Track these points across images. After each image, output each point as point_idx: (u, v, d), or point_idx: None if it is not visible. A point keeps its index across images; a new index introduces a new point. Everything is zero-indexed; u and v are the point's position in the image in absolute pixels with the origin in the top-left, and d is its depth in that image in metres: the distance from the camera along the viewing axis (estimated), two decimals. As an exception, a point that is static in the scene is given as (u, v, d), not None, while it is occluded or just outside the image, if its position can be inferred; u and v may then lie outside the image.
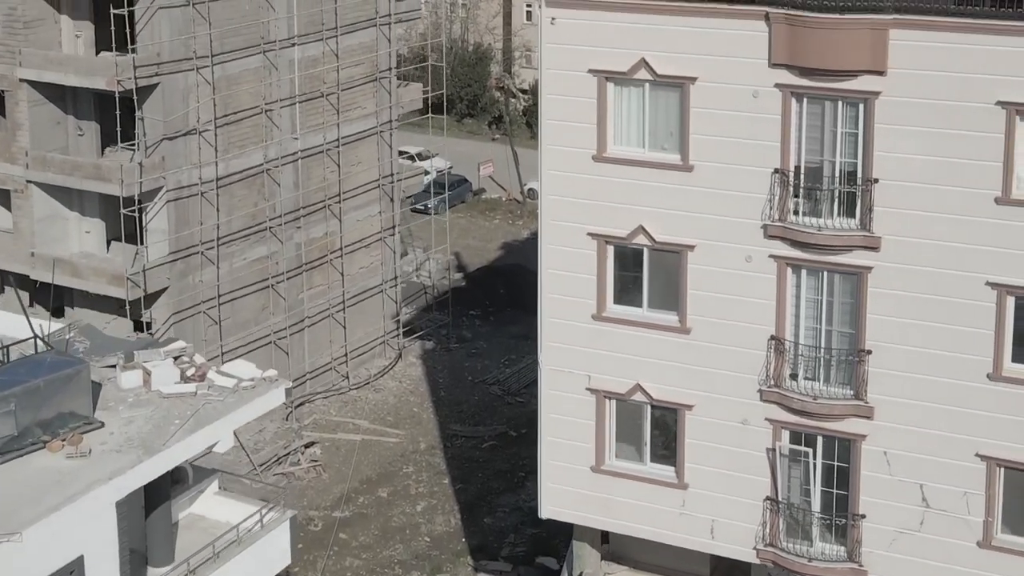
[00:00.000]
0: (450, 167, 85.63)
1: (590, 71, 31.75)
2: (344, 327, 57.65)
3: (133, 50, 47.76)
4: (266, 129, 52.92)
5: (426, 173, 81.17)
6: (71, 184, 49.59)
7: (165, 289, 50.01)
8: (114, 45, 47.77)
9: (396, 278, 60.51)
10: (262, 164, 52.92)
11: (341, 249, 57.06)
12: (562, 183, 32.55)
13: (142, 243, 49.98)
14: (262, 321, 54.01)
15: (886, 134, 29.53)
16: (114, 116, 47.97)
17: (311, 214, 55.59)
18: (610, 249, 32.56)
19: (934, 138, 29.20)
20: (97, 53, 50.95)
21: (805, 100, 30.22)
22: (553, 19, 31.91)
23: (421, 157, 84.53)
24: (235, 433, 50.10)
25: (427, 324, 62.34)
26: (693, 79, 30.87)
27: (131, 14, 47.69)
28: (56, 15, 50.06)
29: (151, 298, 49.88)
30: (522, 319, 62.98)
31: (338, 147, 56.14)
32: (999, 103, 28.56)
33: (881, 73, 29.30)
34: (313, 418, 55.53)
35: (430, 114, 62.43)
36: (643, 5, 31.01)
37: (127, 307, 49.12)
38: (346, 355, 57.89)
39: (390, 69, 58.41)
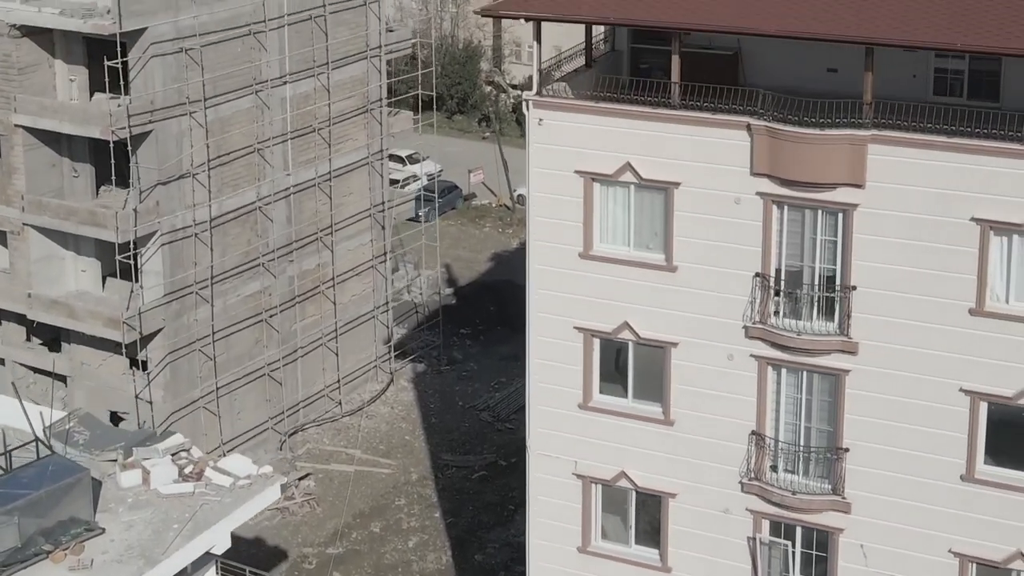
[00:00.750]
0: (440, 170, 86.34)
1: (577, 172, 32.49)
2: (336, 354, 58.53)
3: (127, 93, 48.20)
4: (259, 167, 53.59)
5: (416, 179, 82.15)
6: (67, 229, 50.36)
7: (161, 329, 50.80)
8: (107, 87, 48.27)
9: (387, 303, 61.32)
10: (255, 202, 53.64)
11: (333, 279, 57.87)
12: (550, 278, 33.38)
13: (137, 281, 50.75)
14: (256, 355, 54.89)
15: (864, 244, 30.37)
16: (109, 157, 48.52)
17: (304, 246, 56.34)
18: (596, 342, 33.42)
19: (911, 249, 30.03)
20: (91, 95, 51.51)
21: (786, 208, 31.02)
22: (541, 120, 32.61)
23: (411, 160, 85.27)
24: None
25: (418, 347, 63.24)
26: (677, 184, 31.64)
27: (124, 61, 48.23)
28: (50, 59, 50.58)
29: (147, 338, 50.69)
30: (511, 338, 63.88)
31: (330, 180, 56.82)
32: (973, 219, 29.37)
33: (859, 186, 30.08)
34: (307, 447, 56.53)
35: (420, 111, 62.33)
36: (628, 111, 31.71)
37: (123, 347, 49.98)
38: (339, 381, 58.80)
39: (380, 100, 58.96)
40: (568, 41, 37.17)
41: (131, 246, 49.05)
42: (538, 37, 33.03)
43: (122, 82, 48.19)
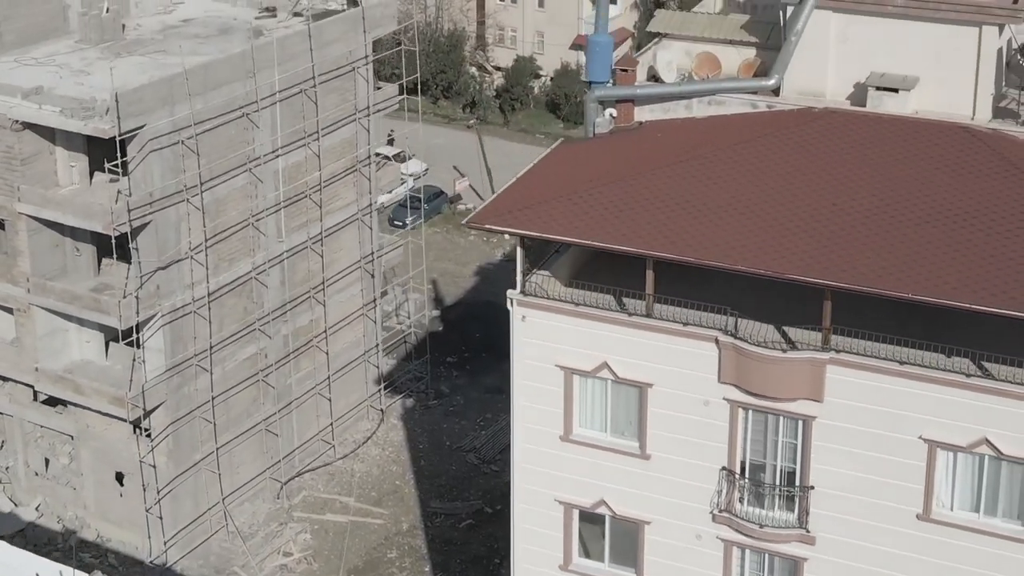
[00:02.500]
0: (426, 169, 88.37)
1: (558, 365, 34.97)
2: (329, 399, 61.20)
3: (126, 178, 49.88)
4: (253, 239, 55.70)
5: (403, 181, 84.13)
6: (71, 312, 52.60)
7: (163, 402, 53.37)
8: (108, 170, 50.12)
9: (378, 346, 63.86)
10: (250, 272, 55.84)
11: (326, 331, 60.30)
12: (532, 456, 36.03)
13: (139, 347, 52.96)
14: (254, 411, 57.52)
15: (822, 449, 33.05)
16: (110, 237, 50.30)
17: (297, 306, 58.68)
18: (575, 513, 36.19)
19: (865, 458, 32.72)
20: (92, 176, 53.41)
21: (750, 412, 33.62)
22: (524, 317, 34.99)
23: (398, 159, 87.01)
24: (230, 517, 54.40)
25: (407, 381, 65.89)
26: (650, 384, 34.16)
27: (123, 150, 50.00)
28: (51, 147, 52.39)
29: (149, 410, 53.24)
30: (496, 367, 66.68)
31: (321, 240, 58.97)
32: (921, 438, 32.04)
33: (818, 400, 32.66)
34: (303, 495, 59.43)
35: (405, 95, 63.06)
36: (605, 316, 34.12)
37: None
38: (331, 424, 61.54)
39: (369, 158, 60.91)
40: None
41: (134, 330, 51.32)
42: (522, 244, 35.09)
43: (121, 173, 50.08)
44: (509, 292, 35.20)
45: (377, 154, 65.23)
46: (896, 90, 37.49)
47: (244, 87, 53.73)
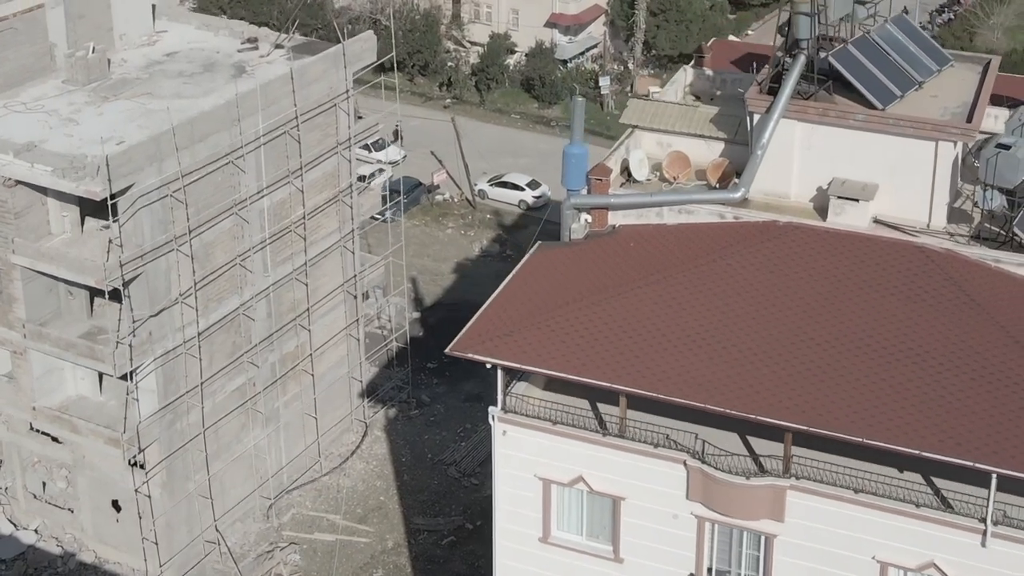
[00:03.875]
0: (404, 156, 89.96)
1: (536, 476, 37.37)
2: (316, 417, 63.57)
3: (116, 228, 51.68)
4: (240, 276, 57.62)
5: (382, 170, 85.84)
6: (66, 359, 54.62)
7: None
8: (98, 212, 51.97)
9: (360, 363, 66.13)
10: (238, 308, 57.83)
11: (311, 355, 62.49)
12: (513, 554, 38.55)
13: (131, 387, 55.13)
14: (243, 437, 59.86)
15: (783, 563, 35.65)
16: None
17: (283, 333, 60.78)
18: (554, 605, 38.88)
19: (822, 573, 35.34)
20: (83, 222, 55.10)
21: (716, 526, 36.14)
22: (505, 431, 37.31)
23: (376, 147, 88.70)
24: (222, 536, 56.91)
25: (389, 390, 68.24)
26: (623, 497, 36.62)
27: (114, 208, 51.69)
28: (43, 198, 54.02)
29: (144, 447, 55.52)
30: (474, 373, 69.03)
31: (306, 271, 60.93)
32: (875, 559, 34.67)
33: (780, 521, 35.19)
34: (292, 513, 62.01)
35: (383, 77, 64.25)
36: (582, 435, 36.47)
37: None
38: (317, 440, 63.97)
39: (351, 186, 62.65)
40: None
41: (128, 376, 53.44)
42: (503, 370, 37.23)
43: (111, 221, 51.65)
44: (491, 408, 37.43)
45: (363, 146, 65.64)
46: (857, 200, 39.55)
47: (229, 135, 55.27)
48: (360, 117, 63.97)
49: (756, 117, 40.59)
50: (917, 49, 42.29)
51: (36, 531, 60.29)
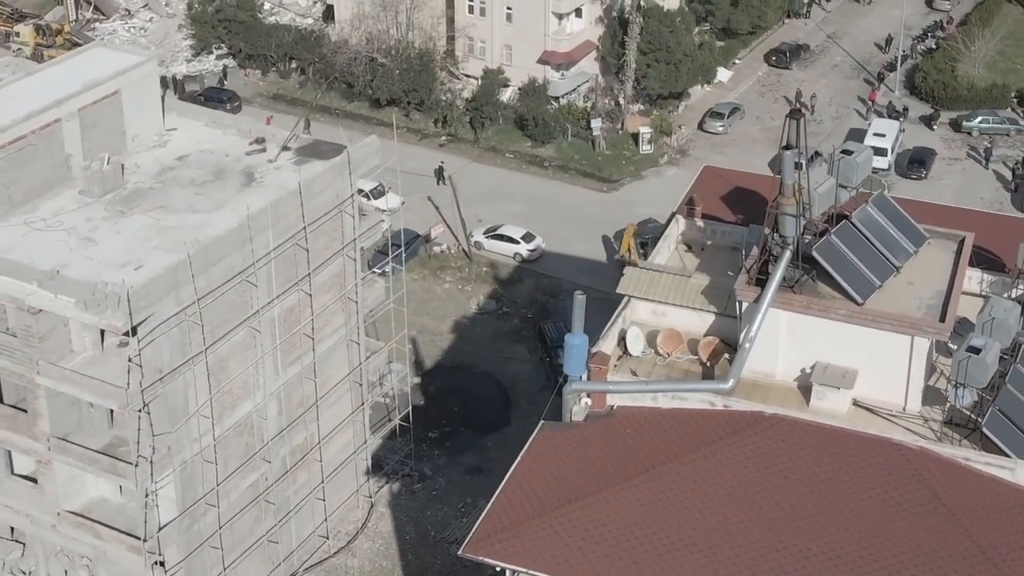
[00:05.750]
0: (403, 202, 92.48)
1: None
2: (324, 499, 66.71)
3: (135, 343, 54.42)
4: (252, 381, 60.48)
5: (382, 221, 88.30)
6: (90, 472, 57.58)
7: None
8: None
9: (366, 442, 69.19)
10: (251, 411, 60.75)
11: (319, 443, 65.53)
12: None
13: (150, 490, 58.12)
14: (256, 529, 62.98)
15: None
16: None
17: (293, 427, 63.76)
18: None
19: None
20: (103, 338, 57.82)
21: None
22: (511, 614, 40.46)
23: (375, 194, 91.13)
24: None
25: (394, 467, 71.30)
26: None
27: (134, 330, 54.37)
28: (66, 319, 56.70)
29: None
30: (474, 444, 72.57)
31: (314, 367, 63.79)
32: None
33: None
34: (302, 597, 65.39)
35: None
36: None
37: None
38: (326, 520, 67.15)
39: (356, 282, 65.38)
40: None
41: (147, 492, 56.47)
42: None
43: (131, 343, 54.42)
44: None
45: (360, 191, 68.08)
46: (838, 387, 42.54)
47: (242, 255, 57.87)
48: (364, 214, 66.50)
49: (745, 304, 43.42)
50: (896, 231, 45.00)
51: (58, 617, 63.48)
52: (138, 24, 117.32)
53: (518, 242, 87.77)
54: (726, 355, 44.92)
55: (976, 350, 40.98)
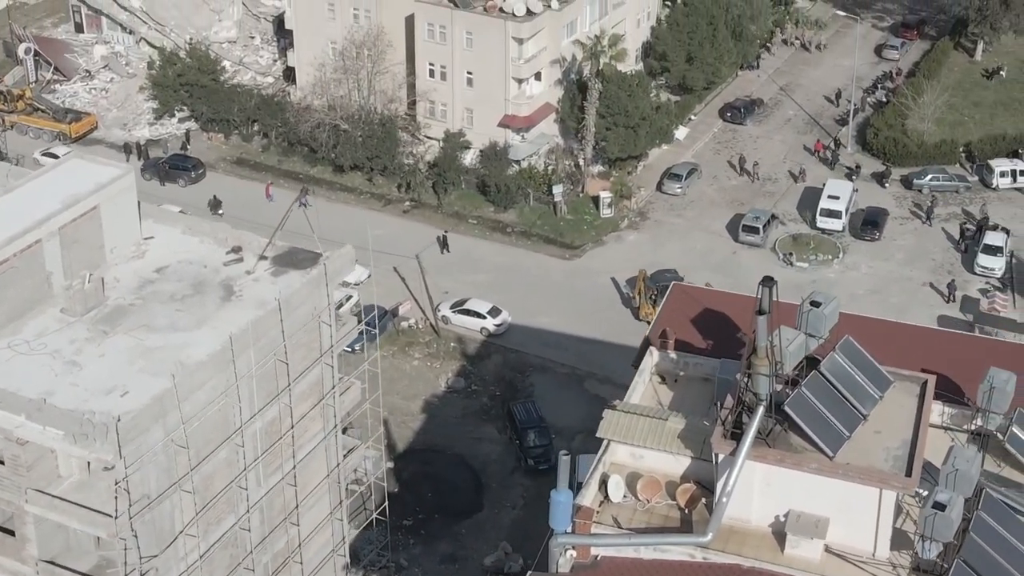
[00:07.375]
0: (369, 275, 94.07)
1: None
2: (304, 599, 68.25)
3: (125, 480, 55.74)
4: (236, 496, 61.88)
5: (349, 297, 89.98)
6: (79, 596, 58.90)
7: (163, 658, 60.11)
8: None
9: (344, 539, 70.73)
10: (234, 524, 62.15)
11: (300, 546, 67.01)
12: None
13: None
14: (239, 639, 64.43)
15: None
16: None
17: (274, 533, 65.19)
18: None
19: None
20: (89, 465, 59.00)
21: None
22: None
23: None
24: None
25: (372, 560, 72.94)
26: None
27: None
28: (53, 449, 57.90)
29: (151, 663, 60.00)
30: (447, 531, 74.32)
31: (294, 473, 65.24)
32: None
33: None
34: None
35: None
36: None
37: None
38: (306, 618, 68.69)
39: (334, 387, 66.85)
40: None
41: (137, 611, 57.81)
42: None
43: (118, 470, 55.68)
44: None
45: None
46: (811, 537, 44.54)
47: (225, 376, 59.20)
48: (342, 322, 67.90)
49: (721, 456, 45.36)
50: (862, 377, 47.07)
51: None
52: (99, 85, 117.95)
53: (485, 317, 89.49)
54: (703, 500, 46.82)
55: (942, 506, 43.02)
